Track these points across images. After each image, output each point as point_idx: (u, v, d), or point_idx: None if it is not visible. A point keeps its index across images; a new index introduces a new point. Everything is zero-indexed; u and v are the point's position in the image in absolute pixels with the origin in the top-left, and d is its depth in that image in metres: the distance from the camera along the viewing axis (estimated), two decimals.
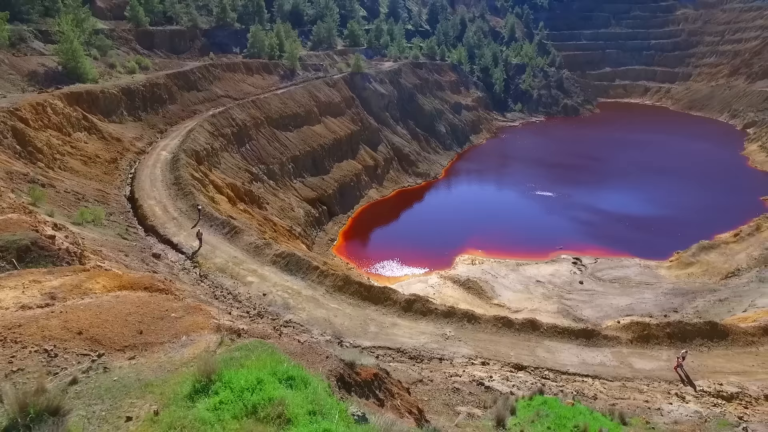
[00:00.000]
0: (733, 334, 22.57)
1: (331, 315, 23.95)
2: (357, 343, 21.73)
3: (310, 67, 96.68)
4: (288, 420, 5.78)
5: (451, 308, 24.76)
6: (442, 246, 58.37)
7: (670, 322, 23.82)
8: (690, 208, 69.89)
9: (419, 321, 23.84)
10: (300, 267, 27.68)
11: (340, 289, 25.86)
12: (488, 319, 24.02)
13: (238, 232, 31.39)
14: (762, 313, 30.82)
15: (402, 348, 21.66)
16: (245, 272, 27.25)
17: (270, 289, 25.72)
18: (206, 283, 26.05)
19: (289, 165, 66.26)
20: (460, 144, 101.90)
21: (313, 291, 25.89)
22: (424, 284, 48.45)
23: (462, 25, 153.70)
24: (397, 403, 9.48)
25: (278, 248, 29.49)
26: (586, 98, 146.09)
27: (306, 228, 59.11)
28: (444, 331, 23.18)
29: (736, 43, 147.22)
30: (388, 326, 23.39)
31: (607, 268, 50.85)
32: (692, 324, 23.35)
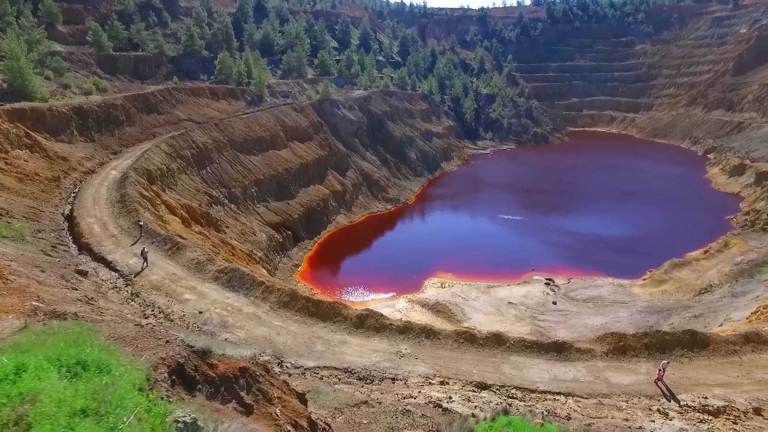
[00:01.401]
0: (714, 344, 20.74)
1: (273, 333, 21.25)
2: (299, 363, 19.06)
3: (278, 94, 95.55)
4: (29, 426, 3.47)
5: (408, 323, 22.39)
6: (412, 270, 56.18)
7: (647, 332, 21.87)
8: (660, 229, 69.87)
9: (372, 338, 21.32)
10: (243, 283, 25.01)
11: (286, 305, 23.25)
12: (449, 334, 21.67)
13: (180, 249, 28.60)
14: (738, 325, 29.32)
15: (350, 368, 19.05)
16: (182, 289, 24.42)
17: (207, 307, 22.92)
18: (137, 302, 23.10)
19: (253, 189, 63.78)
20: (432, 170, 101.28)
21: (255, 308, 23.19)
22: (391, 309, 45.80)
23: (432, 57, 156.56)
24: (276, 411, 7.09)
25: (221, 264, 26.80)
26: (555, 127, 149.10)
27: (268, 253, 56.20)
28: (399, 349, 20.70)
29: (691, 75, 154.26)
30: (337, 344, 20.80)
31: (581, 288, 49.31)
32: (671, 333, 21.46)
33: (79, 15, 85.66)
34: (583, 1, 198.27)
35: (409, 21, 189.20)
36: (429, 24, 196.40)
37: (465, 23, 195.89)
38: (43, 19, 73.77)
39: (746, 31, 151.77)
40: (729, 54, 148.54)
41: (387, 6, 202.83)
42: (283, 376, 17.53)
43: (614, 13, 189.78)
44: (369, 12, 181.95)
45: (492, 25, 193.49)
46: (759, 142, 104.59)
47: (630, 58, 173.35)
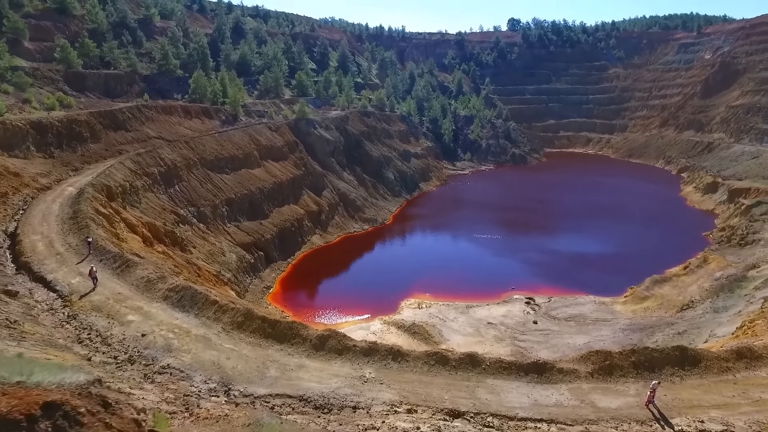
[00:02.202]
0: (706, 360, 19.17)
1: (223, 357, 18.97)
2: (249, 390, 16.80)
3: (254, 113, 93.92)
4: None
5: (373, 344, 20.35)
6: (388, 291, 54.19)
7: (635, 350, 20.15)
8: (639, 246, 69.55)
9: (333, 361, 19.20)
10: (195, 302, 22.73)
11: (240, 326, 21.04)
12: (418, 356, 19.66)
13: (130, 267, 26.19)
14: (724, 341, 27.99)
15: (306, 395, 16.85)
16: (127, 310, 22.02)
17: (152, 329, 20.55)
18: (72, 325, 20.58)
19: (223, 208, 61.37)
20: (410, 191, 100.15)
21: (206, 329, 20.90)
22: (365, 331, 43.60)
23: (411, 80, 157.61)
24: None
25: (173, 282, 24.48)
26: (533, 148, 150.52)
27: (238, 274, 53.60)
28: (362, 373, 18.61)
29: (662, 98, 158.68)
30: (293, 369, 18.59)
31: (562, 306, 47.86)
32: (660, 350, 19.79)
33: (48, 32, 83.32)
34: (557, 27, 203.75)
35: (388, 44, 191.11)
36: (408, 47, 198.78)
37: (443, 47, 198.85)
38: (8, 35, 71.33)
39: (710, 57, 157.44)
40: (696, 78, 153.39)
41: (366, 30, 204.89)
42: (229, 405, 15.31)
43: (587, 39, 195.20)
44: (348, 35, 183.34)
45: (469, 49, 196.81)
46: (729, 161, 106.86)
47: (604, 82, 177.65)
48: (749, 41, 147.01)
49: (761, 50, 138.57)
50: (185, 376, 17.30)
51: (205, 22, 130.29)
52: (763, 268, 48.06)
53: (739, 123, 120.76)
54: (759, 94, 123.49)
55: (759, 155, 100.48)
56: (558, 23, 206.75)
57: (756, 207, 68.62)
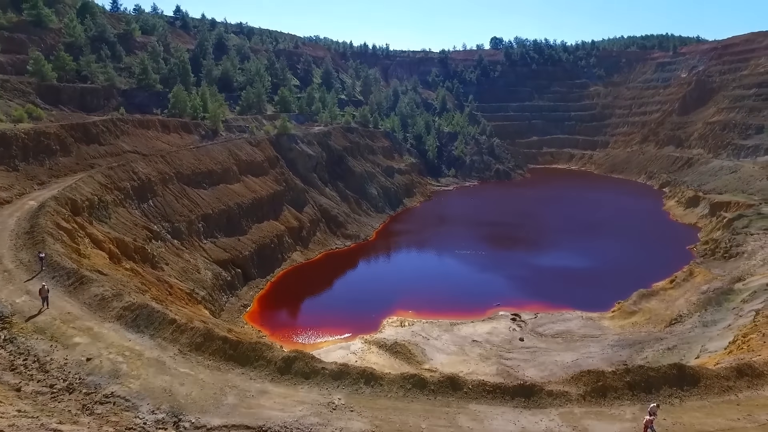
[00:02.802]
0: (705, 379, 17.77)
1: (176, 383, 17.02)
2: (202, 421, 14.89)
3: (235, 128, 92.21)
4: None
5: (344, 367, 18.53)
6: (370, 309, 52.32)
7: (629, 369, 18.66)
8: (624, 260, 68.95)
9: (299, 386, 17.36)
10: (151, 321, 20.77)
11: (199, 347, 19.12)
12: (393, 379, 17.90)
13: (84, 284, 24.11)
14: (718, 356, 26.75)
15: (266, 426, 14.95)
16: (74, 332, 19.96)
17: (100, 352, 18.53)
18: (8, 350, 18.42)
19: (199, 224, 59.17)
20: (393, 207, 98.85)
21: (160, 352, 18.93)
22: (345, 351, 41.63)
23: (395, 96, 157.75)
24: None
25: (129, 300, 22.45)
26: (516, 164, 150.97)
27: (213, 292, 51.27)
28: (331, 399, 16.80)
29: (642, 115, 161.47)
30: (254, 395, 16.71)
31: (549, 322, 46.46)
32: (656, 369, 18.29)
33: (23, 45, 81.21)
34: (539, 46, 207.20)
35: (372, 62, 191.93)
36: (392, 65, 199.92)
37: (427, 65, 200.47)
38: None
39: (686, 75, 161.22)
40: (674, 95, 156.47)
41: (350, 48, 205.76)
42: None
43: (568, 57, 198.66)
44: (332, 53, 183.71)
45: (453, 67, 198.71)
46: (708, 175, 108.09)
47: (585, 99, 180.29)
48: (722, 61, 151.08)
49: (733, 69, 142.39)
50: (130, 406, 15.33)
51: (187, 39, 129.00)
52: (749, 281, 47.42)
53: (716, 139, 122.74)
54: (734, 111, 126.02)
55: (737, 170, 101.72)
56: (539, 42, 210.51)
57: (737, 220, 68.69)
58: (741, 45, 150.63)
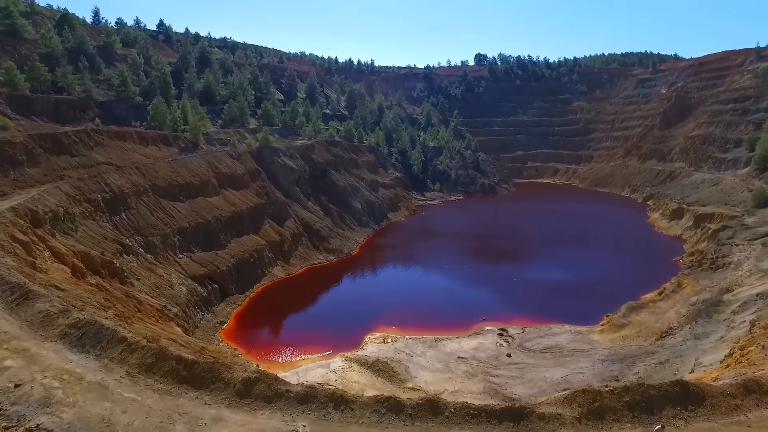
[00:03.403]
0: (711, 398, 16.26)
1: (118, 411, 15.02)
2: None
3: (216, 141, 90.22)
4: None
5: (310, 389, 16.68)
6: (352, 325, 50.37)
7: (628, 387, 16.95)
8: (611, 272, 68.18)
9: (259, 411, 15.47)
10: (99, 340, 18.72)
11: (149, 368, 17.15)
12: (366, 402, 16.10)
13: (30, 299, 21.93)
14: (715, 370, 25.36)
15: None
16: (6, 353, 17.82)
17: (33, 377, 16.44)
18: None
19: (175, 237, 56.86)
20: (378, 221, 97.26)
21: (104, 374, 16.91)
22: (325, 369, 39.55)
23: (380, 111, 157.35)
24: None
25: (77, 317, 20.34)
26: (502, 178, 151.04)
27: (187, 309, 48.85)
28: (295, 427, 14.94)
29: (624, 129, 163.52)
30: (207, 423, 14.78)
31: (537, 337, 44.90)
32: (657, 387, 16.68)
33: None
34: (522, 62, 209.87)
35: (357, 77, 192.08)
36: (376, 80, 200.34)
37: (411, 80, 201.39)
38: None
39: (666, 91, 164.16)
40: (654, 111, 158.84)
41: (335, 63, 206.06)
42: None
43: (551, 73, 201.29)
44: (317, 68, 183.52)
45: (438, 83, 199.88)
46: (691, 188, 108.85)
47: (568, 114, 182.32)
48: (699, 78, 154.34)
49: (710, 86, 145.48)
50: None
51: (170, 52, 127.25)
52: (737, 291, 46.60)
53: (697, 152, 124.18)
54: (712, 126, 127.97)
55: (718, 182, 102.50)
56: (523, 58, 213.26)
57: (722, 231, 68.46)
58: (716, 63, 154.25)
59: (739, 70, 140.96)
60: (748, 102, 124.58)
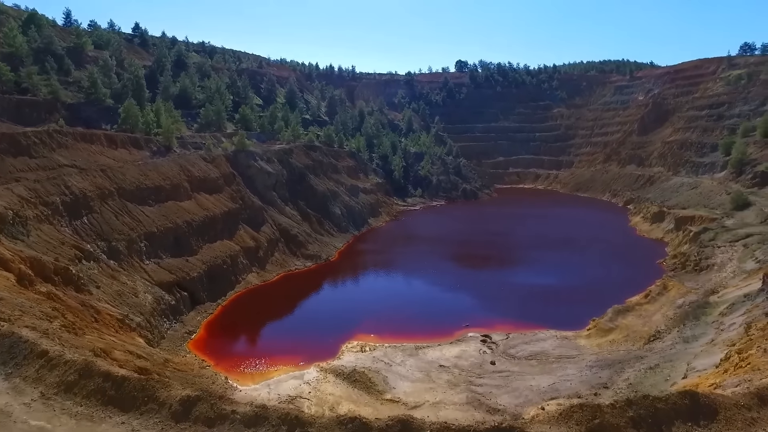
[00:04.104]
0: (724, 410, 14.42)
1: None
2: None
3: (190, 145, 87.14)
4: None
5: (262, 409, 14.41)
6: (328, 333, 48.02)
7: (631, 400, 14.94)
8: (595, 276, 67.16)
9: None
10: (13, 355, 16.16)
11: (69, 388, 14.68)
12: (326, 424, 13.90)
13: None
14: (711, 375, 23.80)
15: None
16: None
17: None
18: None
19: (142, 243, 53.80)
20: (358, 226, 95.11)
21: (12, 397, 14.35)
22: (298, 381, 37.09)
23: (361, 117, 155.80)
24: None
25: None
26: (483, 183, 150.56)
27: (153, 318, 45.85)
28: None
29: (604, 135, 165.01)
30: None
31: (521, 343, 43.15)
32: (664, 399, 14.70)
33: None
34: (503, 69, 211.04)
35: (338, 84, 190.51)
36: (358, 87, 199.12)
37: (393, 87, 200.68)
38: None
39: (643, 98, 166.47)
40: (632, 117, 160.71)
41: (316, 69, 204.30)
42: None
43: (531, 80, 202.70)
44: (297, 73, 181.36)
45: (419, 89, 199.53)
46: (670, 192, 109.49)
47: (549, 120, 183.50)
48: (674, 85, 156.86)
49: (685, 92, 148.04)
50: None
51: (146, 56, 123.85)
52: (723, 293, 45.70)
53: (675, 157, 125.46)
54: (689, 131, 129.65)
55: (697, 185, 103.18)
56: (503, 65, 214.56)
57: (704, 233, 68.17)
58: (690, 70, 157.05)
59: (712, 78, 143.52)
60: (722, 108, 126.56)
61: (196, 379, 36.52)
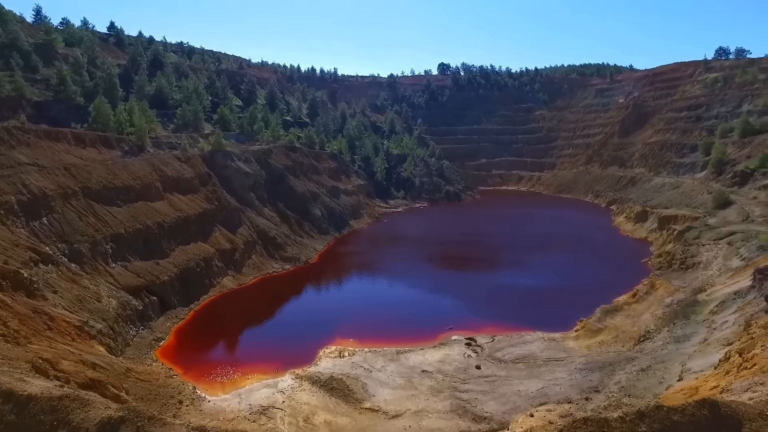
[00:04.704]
0: (749, 421, 12.55)
1: None
2: None
3: (165, 145, 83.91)
4: None
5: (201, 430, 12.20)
6: (305, 338, 45.71)
7: (643, 412, 13.01)
8: (581, 276, 66.10)
9: None
10: None
11: None
12: None
13: None
14: (711, 377, 22.22)
15: None
16: None
17: None
18: None
19: (107, 245, 50.77)
20: (339, 228, 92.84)
21: None
22: (271, 389, 34.71)
23: (342, 119, 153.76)
24: None
25: None
26: (467, 185, 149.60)
27: (117, 324, 42.93)
28: None
29: (585, 137, 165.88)
30: None
31: (508, 346, 41.40)
32: (680, 410, 12.78)
33: None
34: (485, 71, 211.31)
35: (320, 86, 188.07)
36: (340, 89, 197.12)
37: (375, 89, 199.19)
38: None
39: (623, 100, 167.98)
40: (614, 119, 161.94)
41: (297, 71, 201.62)
42: None
43: (513, 83, 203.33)
44: (278, 75, 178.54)
45: (401, 91, 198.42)
46: (652, 192, 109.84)
47: (531, 122, 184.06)
48: (653, 87, 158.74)
49: (664, 95, 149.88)
50: None
51: (121, 55, 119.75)
52: (711, 291, 44.71)
53: (655, 158, 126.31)
54: (669, 132, 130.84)
55: (678, 185, 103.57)
56: (485, 68, 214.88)
57: (688, 232, 67.69)
58: (669, 73, 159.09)
59: (689, 81, 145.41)
60: (700, 110, 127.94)
61: (160, 390, 33.91)
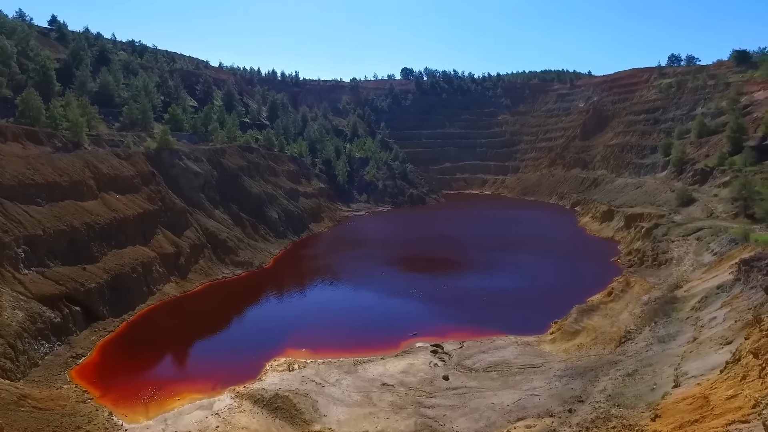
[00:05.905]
0: None
1: None
2: None
3: (107, 143, 76.46)
4: None
5: None
6: (251, 350, 40.47)
7: None
8: (550, 276, 63.43)
9: None
10: None
11: None
12: None
13: None
14: (720, 383, 18.67)
15: None
16: None
17: None
18: None
19: (19, 248, 43.93)
20: (297, 232, 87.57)
21: None
22: (205, 412, 29.33)
23: (303, 122, 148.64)
24: None
25: None
26: (431, 189, 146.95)
27: (21, 340, 36.35)
28: None
29: (548, 141, 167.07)
30: None
31: (478, 352, 37.41)
32: None
33: None
34: (448, 76, 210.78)
35: (281, 89, 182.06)
36: (301, 92, 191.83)
37: (337, 93, 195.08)
38: None
39: (584, 105, 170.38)
40: (575, 122, 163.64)
41: (257, 74, 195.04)
42: None
43: (476, 87, 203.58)
44: (237, 78, 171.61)
45: (364, 95, 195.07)
46: (615, 192, 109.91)
47: (494, 127, 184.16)
48: (612, 92, 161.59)
49: (622, 100, 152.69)
50: None
51: (62, 50, 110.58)
52: (689, 287, 42.31)
53: (617, 160, 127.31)
54: (628, 135, 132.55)
55: (641, 185, 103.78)
56: (449, 73, 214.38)
57: (656, 229, 66.29)
58: (626, 79, 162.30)
59: (646, 86, 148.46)
60: (657, 113, 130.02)
61: (64, 419, 27.95)
